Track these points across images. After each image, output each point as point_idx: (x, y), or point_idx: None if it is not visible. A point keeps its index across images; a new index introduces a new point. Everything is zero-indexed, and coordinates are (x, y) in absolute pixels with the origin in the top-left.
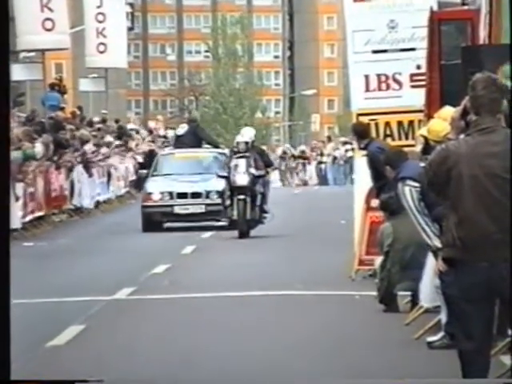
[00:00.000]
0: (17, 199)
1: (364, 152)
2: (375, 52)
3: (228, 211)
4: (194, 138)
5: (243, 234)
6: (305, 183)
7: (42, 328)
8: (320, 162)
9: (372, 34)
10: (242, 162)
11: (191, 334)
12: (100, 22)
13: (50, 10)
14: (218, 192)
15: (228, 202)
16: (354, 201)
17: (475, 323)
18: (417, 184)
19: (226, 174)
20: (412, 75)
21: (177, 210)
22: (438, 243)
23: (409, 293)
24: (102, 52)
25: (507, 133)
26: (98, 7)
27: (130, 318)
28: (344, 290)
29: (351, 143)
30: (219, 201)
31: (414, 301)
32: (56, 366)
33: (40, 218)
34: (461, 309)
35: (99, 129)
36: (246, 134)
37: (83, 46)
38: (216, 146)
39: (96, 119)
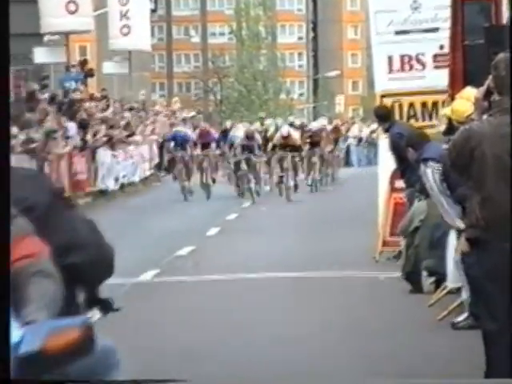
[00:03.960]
0: None
1: (386, 134)
2: (398, 33)
3: None
4: None
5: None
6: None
7: None
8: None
9: (395, 15)
10: None
11: (217, 315)
12: (123, 4)
13: (71, 11)
14: None
15: None
16: (378, 182)
17: (499, 303)
18: (439, 165)
19: None
20: (435, 56)
21: None
22: (460, 224)
23: (433, 278)
24: (125, 34)
25: None
26: (123, 4)
27: (155, 301)
28: (368, 270)
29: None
30: None
31: (439, 282)
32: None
33: None
34: (484, 289)
35: (131, 108)
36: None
37: (107, 29)
38: None
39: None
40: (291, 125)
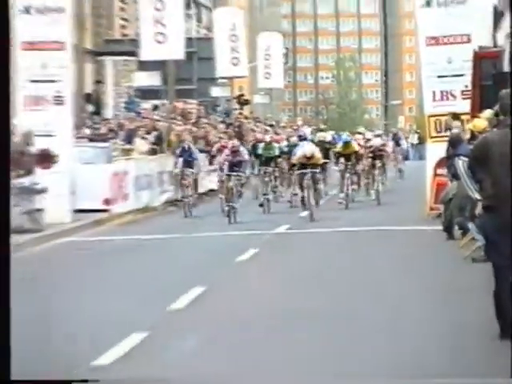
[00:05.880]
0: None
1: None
2: (439, 77)
3: None
4: None
5: None
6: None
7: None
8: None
9: (437, 66)
10: None
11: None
12: (267, 59)
13: (237, 52)
14: None
15: None
16: (426, 170)
17: (503, 246)
18: (466, 158)
19: None
20: (462, 91)
21: None
22: (478, 196)
23: (461, 230)
24: (267, 78)
25: None
26: (266, 50)
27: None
28: (421, 225)
29: (418, 133)
30: None
31: (464, 232)
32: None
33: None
34: (493, 237)
35: (271, 125)
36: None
37: (256, 74)
38: None
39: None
40: (359, 133)
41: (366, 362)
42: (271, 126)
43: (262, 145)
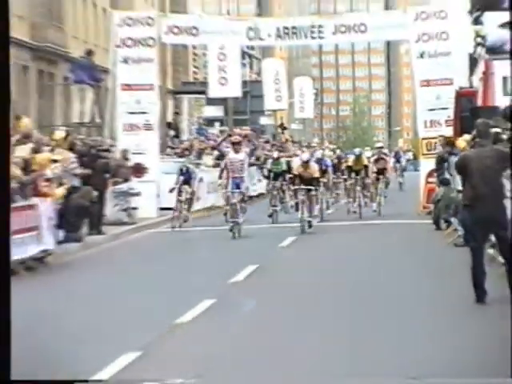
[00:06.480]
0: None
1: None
2: (429, 110)
3: None
4: None
5: None
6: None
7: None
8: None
9: (428, 102)
10: None
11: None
12: (302, 97)
13: (279, 91)
14: None
15: None
16: (420, 178)
17: (477, 234)
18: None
19: None
20: (446, 120)
21: None
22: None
23: (446, 223)
24: (301, 111)
25: (493, 147)
26: (300, 90)
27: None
28: (415, 220)
29: (413, 152)
30: None
31: (448, 225)
32: None
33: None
34: (471, 228)
35: (307, 146)
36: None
37: (293, 108)
38: None
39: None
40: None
41: (378, 306)
42: (308, 146)
43: (270, 161)
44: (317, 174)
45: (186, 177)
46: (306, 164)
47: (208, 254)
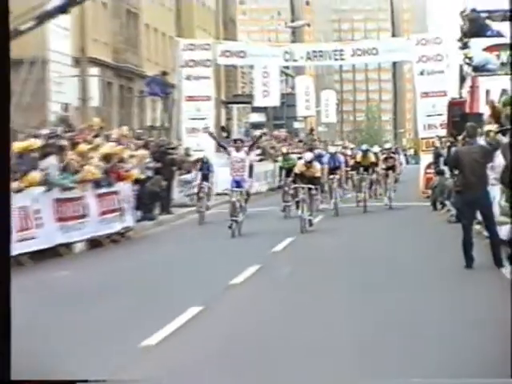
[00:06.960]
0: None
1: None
2: (427, 116)
3: None
4: None
5: None
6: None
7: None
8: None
9: (426, 109)
10: None
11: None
12: (326, 106)
13: (309, 102)
14: None
15: None
16: (420, 169)
17: (467, 214)
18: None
19: None
20: (441, 124)
21: None
22: (454, 184)
23: (441, 205)
24: (327, 117)
25: (480, 144)
26: (326, 100)
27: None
28: (415, 202)
29: (414, 148)
30: None
31: (443, 206)
32: None
33: None
34: (461, 209)
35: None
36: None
37: (320, 116)
38: None
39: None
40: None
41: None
42: (332, 144)
43: (280, 158)
44: (318, 174)
45: (205, 171)
46: (308, 164)
47: (253, 229)
